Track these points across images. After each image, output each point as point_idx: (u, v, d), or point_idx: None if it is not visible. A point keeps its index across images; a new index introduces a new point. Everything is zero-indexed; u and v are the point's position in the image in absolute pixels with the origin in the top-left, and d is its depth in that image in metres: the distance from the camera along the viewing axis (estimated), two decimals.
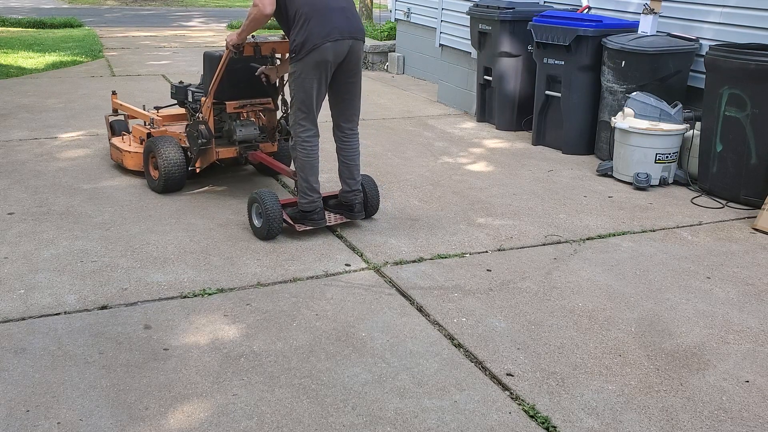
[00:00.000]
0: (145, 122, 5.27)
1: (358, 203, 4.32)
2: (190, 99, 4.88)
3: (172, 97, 5.08)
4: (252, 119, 4.85)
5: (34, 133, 6.37)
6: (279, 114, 4.89)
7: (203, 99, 4.65)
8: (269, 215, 4.08)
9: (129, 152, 5.16)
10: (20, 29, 14.33)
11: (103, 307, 3.36)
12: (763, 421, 2.67)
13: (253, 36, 4.47)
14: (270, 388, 2.79)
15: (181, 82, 5.08)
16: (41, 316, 3.26)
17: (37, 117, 6.94)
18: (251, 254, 3.99)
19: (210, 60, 4.62)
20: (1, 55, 10.52)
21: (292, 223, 4.19)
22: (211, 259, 3.92)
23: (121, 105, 5.59)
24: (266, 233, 4.13)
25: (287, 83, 4.25)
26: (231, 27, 15.86)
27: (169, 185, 4.82)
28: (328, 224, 4.30)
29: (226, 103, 4.69)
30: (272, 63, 4.61)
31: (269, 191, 4.18)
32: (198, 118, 4.67)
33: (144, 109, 5.40)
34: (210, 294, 3.53)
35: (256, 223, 4.21)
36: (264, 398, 2.72)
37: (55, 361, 2.92)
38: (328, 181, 4.97)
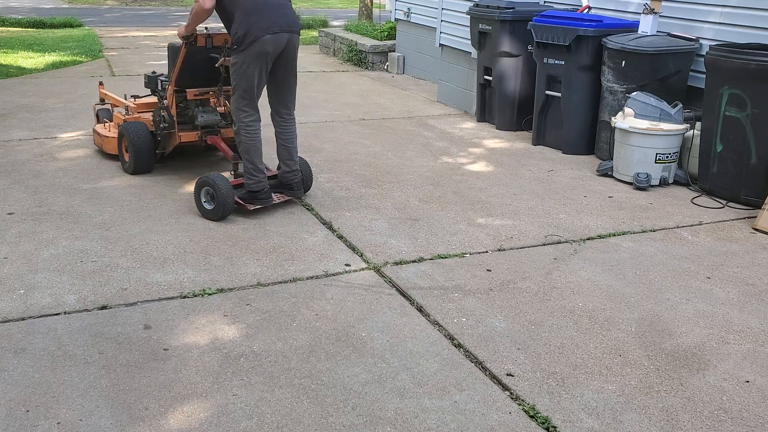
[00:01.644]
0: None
1: (296, 182, 4.68)
2: (159, 87, 5.15)
3: (145, 86, 5.34)
4: (213, 106, 5.15)
5: (33, 133, 6.37)
6: None
7: (167, 87, 5.00)
8: (223, 197, 4.32)
9: (107, 137, 5.52)
10: (20, 29, 14.33)
11: (103, 307, 3.36)
12: (764, 421, 2.67)
13: (206, 28, 4.86)
14: (270, 388, 2.78)
15: (153, 72, 5.31)
16: (41, 316, 3.26)
17: (37, 117, 6.94)
18: (251, 254, 3.99)
19: (172, 51, 4.95)
20: (1, 55, 10.51)
21: (243, 203, 4.47)
22: (211, 259, 3.92)
23: (106, 95, 5.94)
24: (220, 215, 4.37)
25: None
26: None
27: (138, 166, 5.20)
28: (274, 203, 4.62)
29: (187, 90, 4.98)
30: (227, 53, 4.69)
31: (219, 174, 4.41)
32: (162, 104, 5.03)
33: (125, 99, 5.71)
34: (210, 294, 3.53)
35: (207, 206, 4.43)
36: (264, 398, 2.72)
37: (55, 361, 2.92)
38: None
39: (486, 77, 7.14)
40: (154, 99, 5.41)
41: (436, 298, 3.54)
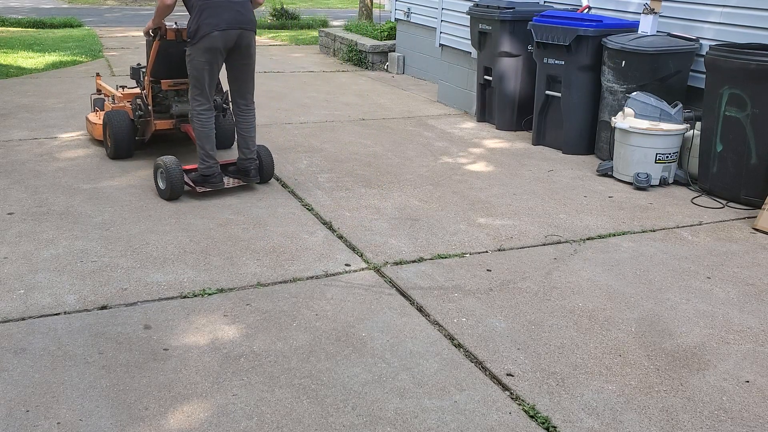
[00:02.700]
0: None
1: (253, 169, 4.95)
2: (141, 78, 5.51)
3: (130, 78, 5.71)
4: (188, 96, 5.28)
5: (33, 133, 6.37)
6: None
7: (144, 77, 5.35)
8: (171, 178, 4.64)
9: (95, 124, 5.90)
10: (20, 29, 14.33)
11: (103, 307, 3.36)
12: (764, 421, 2.67)
13: (176, 23, 5.14)
14: (270, 388, 2.78)
15: (138, 64, 5.60)
16: (41, 316, 3.26)
17: (37, 117, 6.94)
18: (251, 254, 3.99)
19: (149, 44, 5.30)
20: (1, 55, 10.51)
21: (193, 186, 4.76)
22: (211, 259, 3.92)
23: (100, 85, 6.30)
24: (169, 194, 4.70)
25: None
26: None
27: (118, 151, 5.52)
28: (226, 187, 4.88)
29: (162, 81, 5.29)
30: None
31: (172, 158, 4.72)
32: (140, 94, 5.44)
33: (116, 89, 6.02)
34: (210, 294, 3.53)
35: (161, 185, 4.76)
36: (264, 398, 2.72)
37: (55, 361, 2.92)
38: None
39: (486, 77, 7.14)
40: (138, 90, 5.72)
41: (436, 298, 3.54)
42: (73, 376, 2.82)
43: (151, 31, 5.03)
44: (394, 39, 10.69)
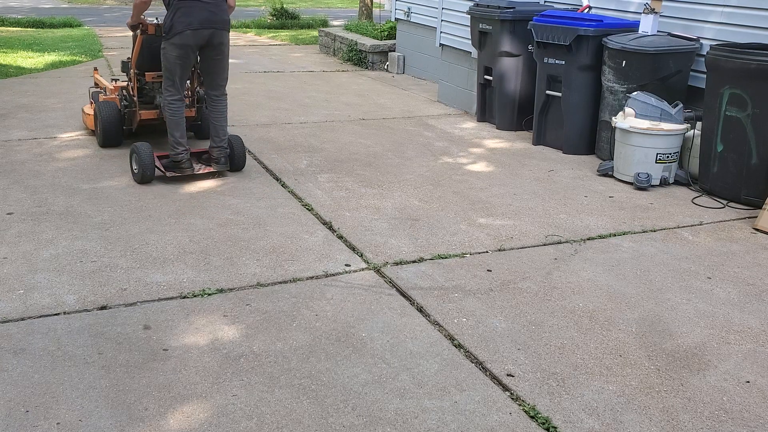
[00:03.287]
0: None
1: (222, 157, 5.19)
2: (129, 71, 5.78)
3: (121, 71, 5.93)
4: None
5: (33, 133, 6.36)
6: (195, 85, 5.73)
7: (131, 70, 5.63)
8: (143, 162, 4.96)
9: (89, 115, 6.20)
10: (19, 29, 14.33)
11: (103, 308, 3.36)
12: (764, 421, 2.67)
13: (156, 18, 5.39)
14: (270, 388, 2.78)
15: (128, 58, 5.77)
16: (40, 317, 3.25)
17: (37, 117, 6.93)
18: (251, 254, 3.99)
19: (134, 39, 5.59)
20: (1, 55, 10.51)
21: (163, 171, 5.05)
22: (211, 259, 3.92)
23: (97, 79, 6.61)
24: (141, 177, 5.01)
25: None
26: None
27: (106, 139, 5.81)
28: (195, 173, 5.15)
29: (146, 73, 5.56)
30: None
31: (145, 144, 5.04)
32: (126, 85, 5.76)
33: (109, 83, 6.27)
34: (210, 294, 3.52)
35: (134, 168, 5.07)
36: (264, 399, 2.71)
37: (55, 361, 2.91)
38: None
39: (486, 77, 7.14)
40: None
41: (436, 299, 3.54)
42: (73, 376, 2.82)
43: (130, 27, 5.38)
44: (394, 39, 10.69)
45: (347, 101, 8.16)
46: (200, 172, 5.19)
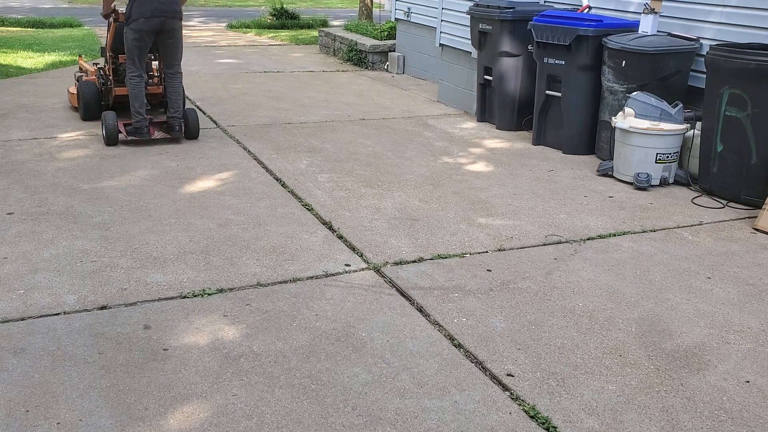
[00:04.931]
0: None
1: (177, 126, 6.07)
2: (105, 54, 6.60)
3: (100, 55, 6.80)
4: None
5: (33, 133, 6.37)
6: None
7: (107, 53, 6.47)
8: (108, 128, 5.94)
9: (72, 94, 7.07)
10: (20, 29, 14.33)
11: (103, 307, 3.36)
12: (764, 421, 2.67)
13: (131, 5, 5.94)
14: (270, 388, 2.78)
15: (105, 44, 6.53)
16: (41, 316, 3.26)
17: (37, 117, 6.93)
18: (251, 254, 3.99)
19: (108, 26, 6.41)
20: (1, 55, 10.51)
21: (126, 135, 5.99)
22: (211, 259, 3.92)
23: (81, 64, 7.42)
24: (106, 140, 5.97)
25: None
26: (230, 27, 15.89)
27: (87, 113, 6.70)
28: (152, 138, 6.06)
29: (119, 56, 6.32)
30: None
31: (112, 113, 6.01)
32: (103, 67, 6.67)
33: (91, 66, 7.12)
34: (210, 294, 3.52)
35: (103, 133, 6.01)
36: (264, 398, 2.72)
37: (55, 361, 2.91)
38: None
39: (486, 77, 7.14)
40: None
41: (436, 298, 3.54)
42: (73, 376, 2.82)
43: (103, 15, 6.22)
44: (394, 39, 10.69)
45: (347, 101, 8.16)
46: (156, 137, 6.09)
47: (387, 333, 3.21)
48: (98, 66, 6.83)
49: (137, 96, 5.93)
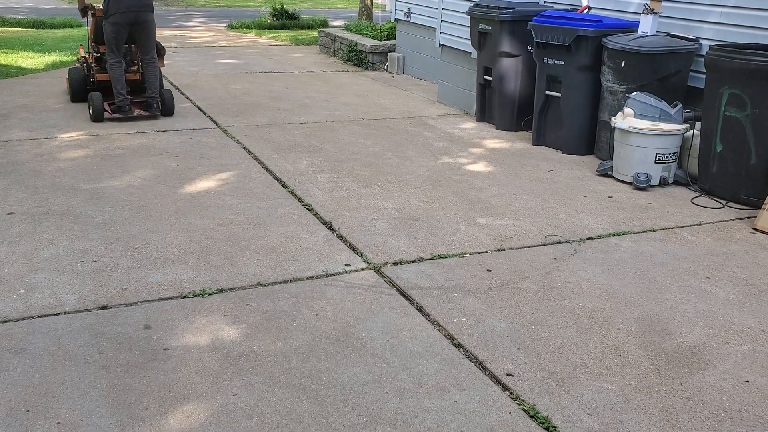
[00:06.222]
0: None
1: (154, 105, 6.94)
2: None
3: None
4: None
5: (34, 133, 6.37)
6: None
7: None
8: (95, 107, 6.75)
9: (67, 79, 7.76)
10: (20, 29, 14.33)
11: (103, 307, 3.36)
12: (764, 421, 2.67)
13: (108, 2, 6.67)
14: (270, 388, 2.79)
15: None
16: (41, 316, 3.26)
17: (37, 117, 6.94)
18: (251, 254, 3.99)
19: (87, 22, 7.34)
20: (1, 55, 10.52)
21: (110, 113, 6.82)
22: (211, 259, 3.92)
23: (80, 53, 7.92)
24: (93, 117, 6.78)
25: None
26: (230, 27, 15.90)
27: (74, 95, 7.50)
28: (133, 115, 6.87)
29: (99, 45, 7.08)
30: None
31: (98, 94, 6.81)
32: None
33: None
34: (210, 294, 3.53)
35: (90, 111, 6.81)
36: (264, 398, 2.72)
37: (55, 361, 2.92)
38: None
39: (486, 77, 7.14)
40: None
41: (436, 298, 3.55)
42: (73, 376, 2.82)
43: (80, 10, 7.14)
44: (394, 39, 10.69)
45: (347, 101, 8.16)
46: (137, 113, 6.91)
47: (387, 333, 3.21)
48: (81, 55, 7.71)
49: (118, 79, 6.78)
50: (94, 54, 7.18)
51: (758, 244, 4.36)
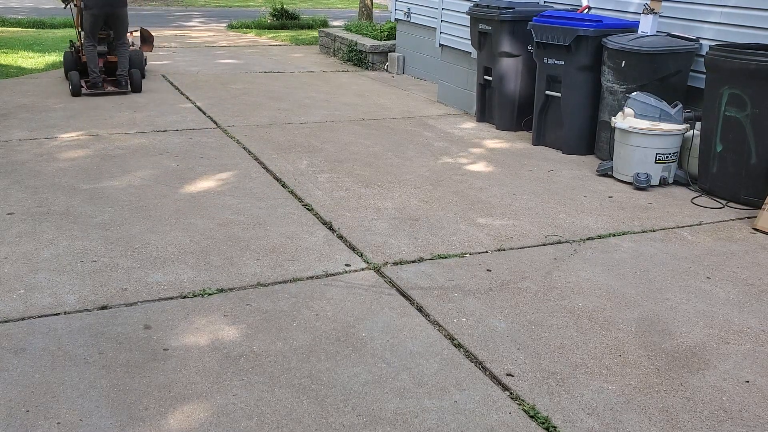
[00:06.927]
0: None
1: (123, 81, 8.04)
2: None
3: (77, 35, 8.47)
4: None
5: (34, 133, 6.37)
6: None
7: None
8: (73, 84, 7.87)
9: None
10: (20, 29, 14.33)
11: (103, 307, 3.36)
12: (764, 421, 2.67)
13: None
14: (270, 388, 2.79)
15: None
16: (41, 316, 3.26)
17: (37, 117, 6.94)
18: (251, 254, 3.99)
19: (71, 12, 8.42)
20: (1, 55, 10.52)
21: (87, 88, 7.95)
22: (211, 259, 3.92)
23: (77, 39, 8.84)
24: (72, 92, 7.89)
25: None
26: (230, 27, 15.89)
27: (67, 73, 8.36)
28: (104, 91, 7.97)
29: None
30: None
31: (75, 72, 7.97)
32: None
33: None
34: (210, 294, 3.53)
35: (69, 87, 7.93)
36: (264, 398, 2.72)
37: (55, 361, 2.92)
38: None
39: (486, 77, 7.14)
40: None
41: (436, 298, 3.55)
42: (73, 376, 2.82)
43: (63, 2, 8.23)
44: (394, 39, 10.69)
45: (347, 101, 8.16)
46: (108, 90, 7.98)
47: (387, 333, 3.21)
48: (71, 41, 8.73)
49: (92, 59, 7.90)
50: (81, 40, 8.17)
51: (758, 244, 4.36)
